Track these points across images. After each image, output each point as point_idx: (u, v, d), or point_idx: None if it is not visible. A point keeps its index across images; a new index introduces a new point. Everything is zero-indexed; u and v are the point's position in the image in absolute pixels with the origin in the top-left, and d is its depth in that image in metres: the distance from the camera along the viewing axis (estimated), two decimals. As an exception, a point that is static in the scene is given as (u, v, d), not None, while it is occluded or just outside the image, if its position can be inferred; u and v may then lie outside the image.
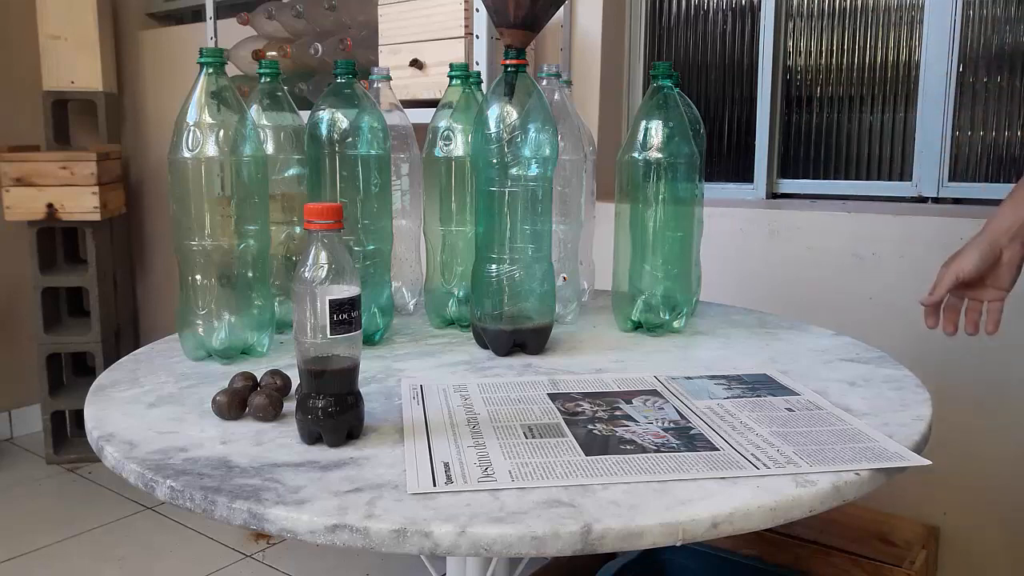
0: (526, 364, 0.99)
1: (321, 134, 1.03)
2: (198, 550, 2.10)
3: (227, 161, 0.95)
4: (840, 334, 1.14)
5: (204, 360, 1.00)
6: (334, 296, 0.70)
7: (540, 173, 0.99)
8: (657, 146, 1.08)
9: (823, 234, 1.66)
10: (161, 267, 3.03)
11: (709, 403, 0.84)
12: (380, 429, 0.77)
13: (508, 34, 0.99)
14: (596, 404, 0.83)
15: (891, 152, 1.82)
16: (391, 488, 0.64)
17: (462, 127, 1.12)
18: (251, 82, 1.83)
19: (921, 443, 0.75)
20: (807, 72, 1.91)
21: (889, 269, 1.59)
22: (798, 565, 1.46)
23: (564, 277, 1.18)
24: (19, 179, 2.46)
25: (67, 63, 2.68)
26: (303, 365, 0.72)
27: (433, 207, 1.16)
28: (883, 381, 0.92)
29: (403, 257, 1.24)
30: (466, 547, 0.57)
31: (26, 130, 2.76)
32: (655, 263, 1.10)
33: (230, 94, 0.95)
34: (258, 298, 1.00)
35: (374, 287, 1.06)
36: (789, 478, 0.65)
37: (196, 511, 0.63)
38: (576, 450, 0.71)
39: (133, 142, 3.01)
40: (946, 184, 1.73)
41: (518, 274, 1.00)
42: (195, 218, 0.95)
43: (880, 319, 1.59)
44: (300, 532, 0.59)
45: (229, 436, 0.75)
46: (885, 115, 1.82)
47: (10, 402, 2.87)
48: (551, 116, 1.01)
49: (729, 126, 2.04)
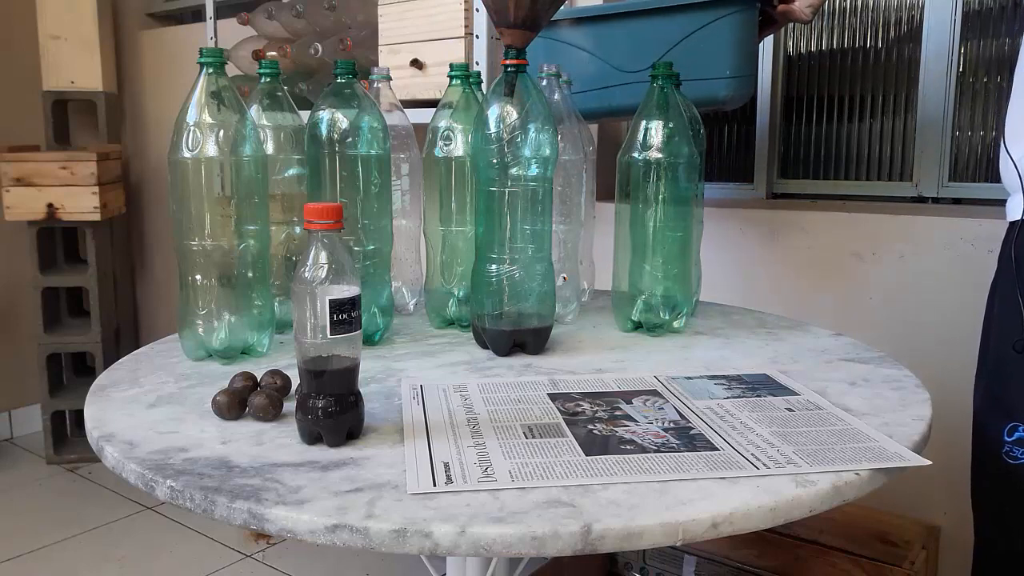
0: (526, 364, 0.99)
1: (321, 134, 1.03)
2: (198, 550, 2.10)
3: (227, 161, 0.95)
4: (840, 334, 1.14)
5: (204, 360, 1.00)
6: (334, 296, 0.70)
7: (540, 173, 1.00)
8: (657, 146, 1.08)
9: (823, 234, 1.66)
10: (161, 267, 3.03)
11: (709, 403, 0.84)
12: (380, 429, 0.77)
13: (508, 34, 0.99)
14: (596, 404, 0.83)
15: (891, 152, 1.82)
16: (391, 488, 0.64)
17: (462, 127, 1.12)
18: (251, 82, 1.83)
19: (921, 443, 0.75)
20: (807, 72, 1.91)
21: (889, 269, 1.59)
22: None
23: (564, 277, 1.18)
24: (19, 179, 2.46)
25: (67, 63, 2.68)
26: (303, 365, 0.72)
27: (433, 207, 1.16)
28: (883, 381, 0.92)
29: (403, 257, 1.24)
30: (466, 547, 0.57)
31: (26, 130, 2.76)
32: (655, 263, 1.10)
33: (230, 94, 0.95)
34: (258, 298, 1.00)
35: (374, 287, 1.06)
36: (789, 478, 0.65)
37: (196, 511, 0.63)
38: (576, 450, 0.71)
39: (133, 142, 3.01)
40: (946, 184, 1.73)
41: (518, 274, 1.00)
42: (195, 218, 0.95)
43: (880, 319, 1.59)
44: (300, 532, 0.59)
45: (229, 436, 0.75)
46: (885, 115, 1.82)
47: (10, 402, 2.87)
48: (551, 116, 1.01)
49: (729, 126, 2.04)
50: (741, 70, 1.29)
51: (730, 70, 1.28)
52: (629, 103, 1.36)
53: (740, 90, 1.32)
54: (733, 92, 1.31)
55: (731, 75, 1.28)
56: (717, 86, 1.28)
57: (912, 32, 1.77)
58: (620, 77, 1.36)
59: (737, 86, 1.30)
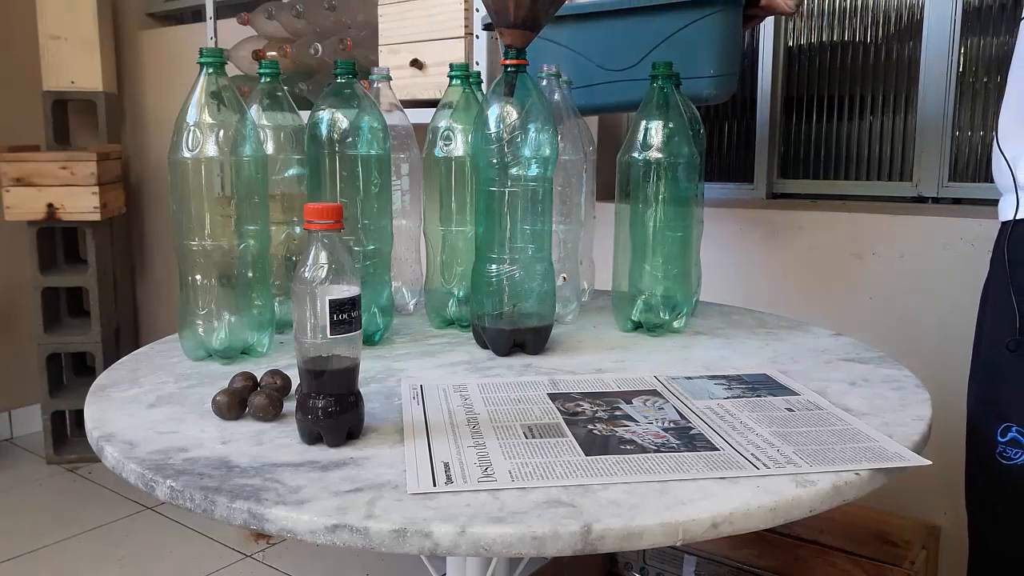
0: (526, 364, 0.99)
1: (321, 134, 1.03)
2: (198, 550, 2.10)
3: (227, 161, 0.95)
4: (840, 334, 1.14)
5: (204, 360, 1.00)
6: (334, 296, 0.70)
7: (540, 173, 1.00)
8: (657, 146, 1.08)
9: (823, 234, 1.66)
10: (161, 267, 3.03)
11: (709, 403, 0.84)
12: (380, 429, 0.77)
13: (508, 34, 0.99)
14: (596, 404, 0.83)
15: (891, 152, 1.82)
16: (391, 488, 0.64)
17: (462, 127, 1.12)
18: (251, 82, 1.83)
19: (921, 443, 0.75)
20: (807, 72, 1.91)
21: (889, 269, 1.59)
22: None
23: (564, 277, 1.18)
24: (19, 179, 2.46)
25: (67, 63, 2.68)
26: (303, 365, 0.72)
27: (433, 207, 1.16)
28: (883, 381, 0.92)
29: (403, 257, 1.24)
30: (466, 547, 0.57)
31: (26, 130, 2.76)
32: (655, 263, 1.10)
33: (230, 94, 0.95)
34: (258, 298, 1.00)
35: (374, 287, 1.06)
36: (789, 478, 0.65)
37: (196, 511, 0.63)
38: (576, 450, 0.71)
39: (133, 142, 3.01)
40: (946, 184, 1.73)
41: (518, 274, 1.00)
42: (195, 218, 0.95)
43: (880, 319, 1.59)
44: (300, 532, 0.59)
45: (229, 436, 0.75)
46: (885, 115, 1.82)
47: (10, 402, 2.87)
48: (551, 116, 1.01)
49: (729, 126, 2.04)
50: (725, 68, 1.30)
51: (714, 69, 1.29)
52: (614, 101, 1.38)
53: (724, 88, 1.32)
54: (717, 90, 1.31)
55: (715, 74, 1.29)
56: (701, 84, 1.29)
57: (912, 31, 1.77)
58: (605, 75, 1.37)
59: (721, 84, 1.31)
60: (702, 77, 1.28)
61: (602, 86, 1.38)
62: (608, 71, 1.36)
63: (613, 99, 1.38)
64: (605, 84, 1.37)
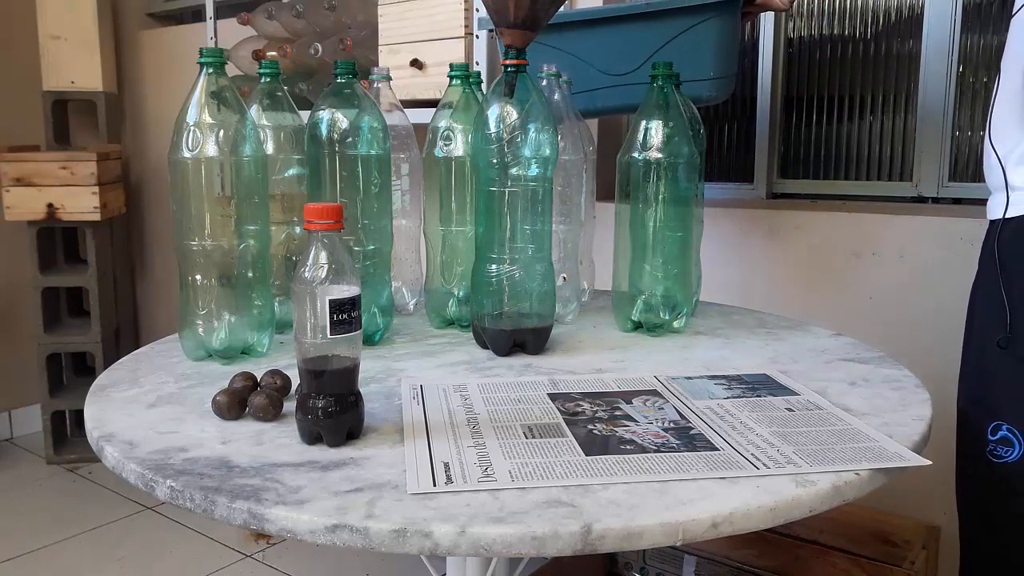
0: (526, 364, 0.99)
1: (321, 134, 1.03)
2: (198, 550, 2.10)
3: (227, 161, 0.95)
4: (840, 334, 1.14)
5: (204, 360, 1.00)
6: (334, 296, 0.70)
7: (540, 173, 1.00)
8: (657, 146, 1.08)
9: (823, 234, 1.66)
10: (161, 267, 3.03)
11: (709, 403, 0.84)
12: (380, 429, 0.77)
13: (508, 34, 0.99)
14: (596, 404, 0.83)
15: (891, 152, 1.82)
16: (391, 488, 0.64)
17: (462, 127, 1.12)
18: (251, 82, 1.83)
19: (921, 443, 0.75)
20: (807, 72, 1.91)
21: (889, 269, 1.59)
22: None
23: (564, 277, 1.18)
24: (19, 179, 2.46)
25: (67, 63, 2.68)
26: (303, 365, 0.72)
27: (433, 207, 1.16)
28: (883, 381, 0.92)
29: (403, 257, 1.24)
30: (466, 547, 0.57)
31: (26, 130, 2.76)
32: (655, 263, 1.10)
33: (230, 94, 0.95)
34: (258, 298, 1.00)
35: (374, 287, 1.06)
36: (789, 478, 0.65)
37: (196, 511, 0.63)
38: (576, 450, 0.71)
39: (133, 142, 3.01)
40: (946, 184, 1.73)
41: (518, 274, 1.00)
42: (195, 218, 0.95)
43: (880, 319, 1.59)
44: (300, 532, 0.59)
45: (229, 436, 0.75)
46: (885, 115, 1.82)
47: (10, 402, 2.87)
48: (551, 116, 1.01)
49: (729, 126, 2.04)
50: (724, 71, 1.33)
51: (713, 71, 1.31)
52: (613, 104, 1.40)
53: (723, 89, 1.35)
54: (716, 92, 1.34)
55: (714, 76, 1.32)
56: (701, 87, 1.31)
57: (912, 30, 1.77)
58: (605, 80, 1.39)
59: (720, 85, 1.34)
60: (702, 80, 1.30)
61: (603, 90, 1.39)
62: (609, 76, 1.37)
63: (613, 103, 1.40)
64: (604, 89, 1.39)
